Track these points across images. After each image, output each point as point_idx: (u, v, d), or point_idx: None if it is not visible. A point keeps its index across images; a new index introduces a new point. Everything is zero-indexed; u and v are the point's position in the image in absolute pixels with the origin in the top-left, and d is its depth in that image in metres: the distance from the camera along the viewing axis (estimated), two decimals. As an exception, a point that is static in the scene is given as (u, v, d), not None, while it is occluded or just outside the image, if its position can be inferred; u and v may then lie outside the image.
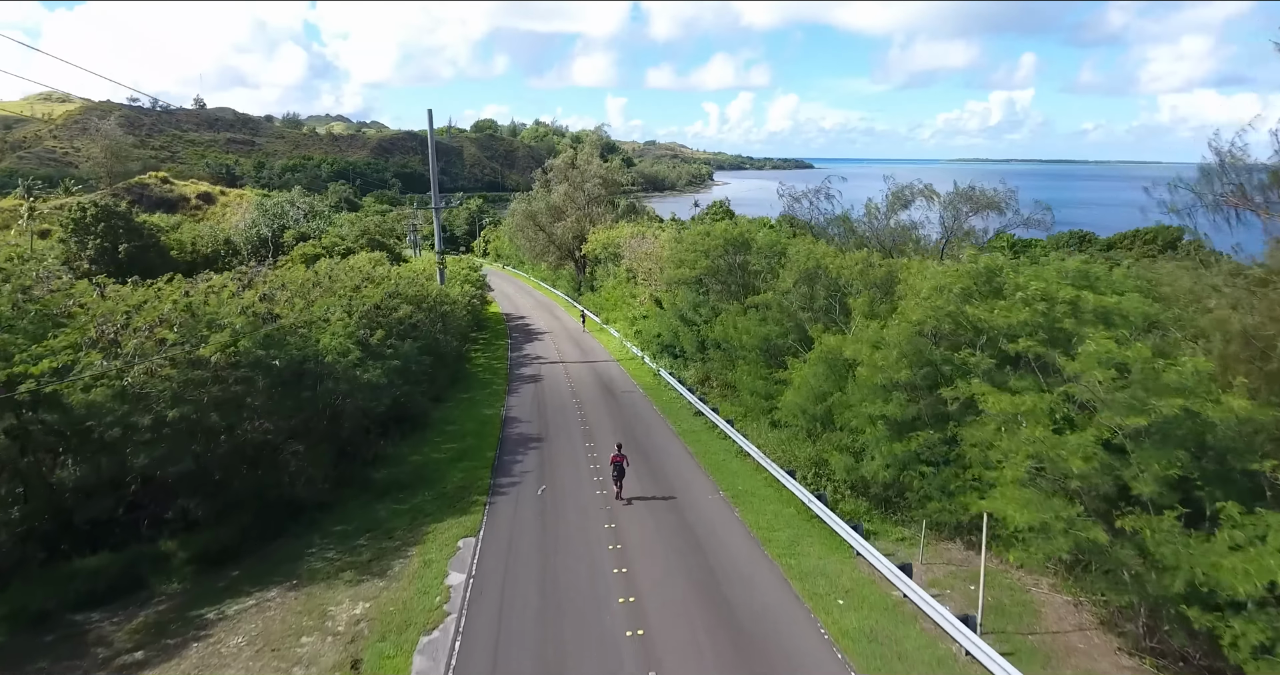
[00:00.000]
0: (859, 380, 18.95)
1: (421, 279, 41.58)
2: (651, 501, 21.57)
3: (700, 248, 32.42)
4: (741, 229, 32.23)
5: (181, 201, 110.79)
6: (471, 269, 55.88)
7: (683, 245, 34.35)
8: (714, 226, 34.34)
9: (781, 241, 31.37)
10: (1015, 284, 16.06)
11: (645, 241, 52.84)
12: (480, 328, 59.87)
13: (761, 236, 31.50)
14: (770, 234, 31.25)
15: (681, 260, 33.46)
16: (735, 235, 31.35)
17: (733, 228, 32.16)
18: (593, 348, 48.53)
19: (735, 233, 31.58)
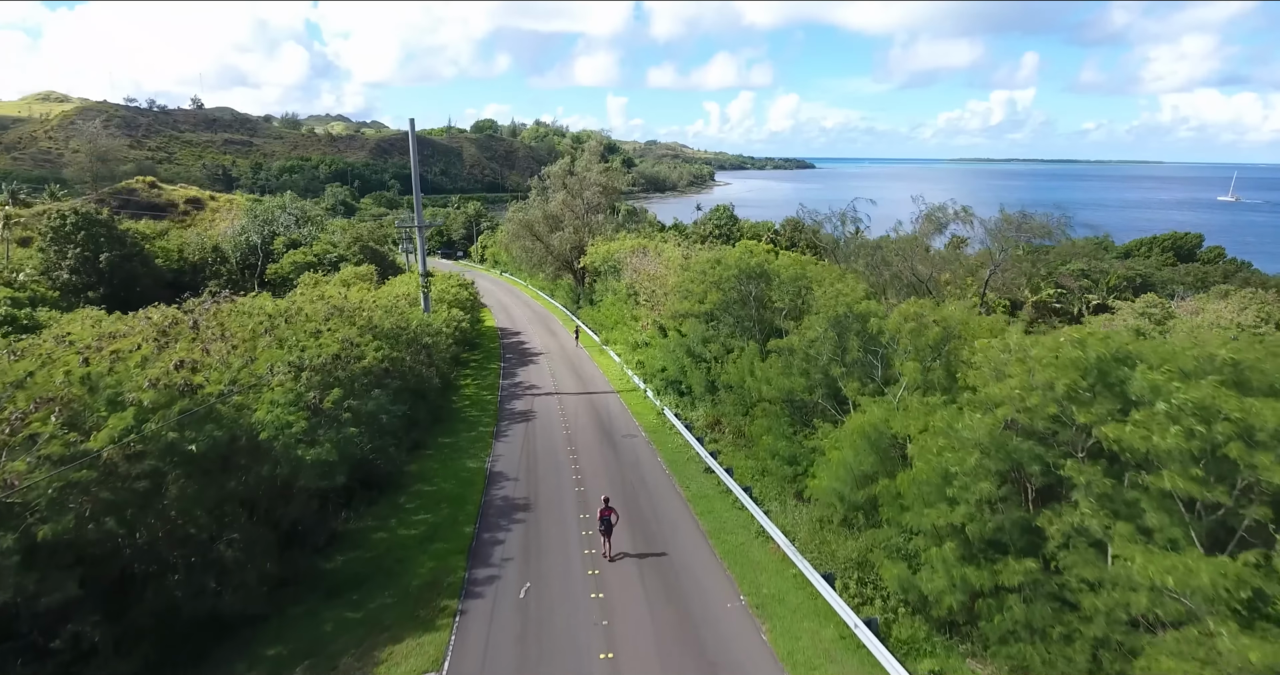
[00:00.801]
0: (916, 475, 14.98)
1: (404, 304, 37.63)
2: (657, 607, 17.66)
3: (710, 278, 28.48)
4: (758, 258, 28.25)
5: (170, 207, 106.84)
6: (461, 286, 51.85)
7: (690, 274, 30.42)
8: (726, 253, 30.38)
9: (806, 274, 27.38)
10: (1147, 383, 11.82)
11: (647, 259, 48.93)
12: (473, 346, 56.01)
13: (783, 268, 27.54)
14: (793, 265, 27.28)
15: (689, 291, 29.51)
16: (751, 266, 27.38)
17: (748, 256, 28.17)
18: (591, 375, 44.59)
19: (751, 262, 27.61)
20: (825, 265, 30.19)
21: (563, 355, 52.25)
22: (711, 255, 29.34)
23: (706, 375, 30.48)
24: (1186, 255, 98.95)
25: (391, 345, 30.44)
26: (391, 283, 51.52)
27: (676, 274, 32.20)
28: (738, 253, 28.59)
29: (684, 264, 30.59)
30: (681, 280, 30.73)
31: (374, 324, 30.81)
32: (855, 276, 26.55)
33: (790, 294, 26.35)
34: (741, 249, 28.93)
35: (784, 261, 27.71)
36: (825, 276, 26.35)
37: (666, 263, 45.26)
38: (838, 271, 26.27)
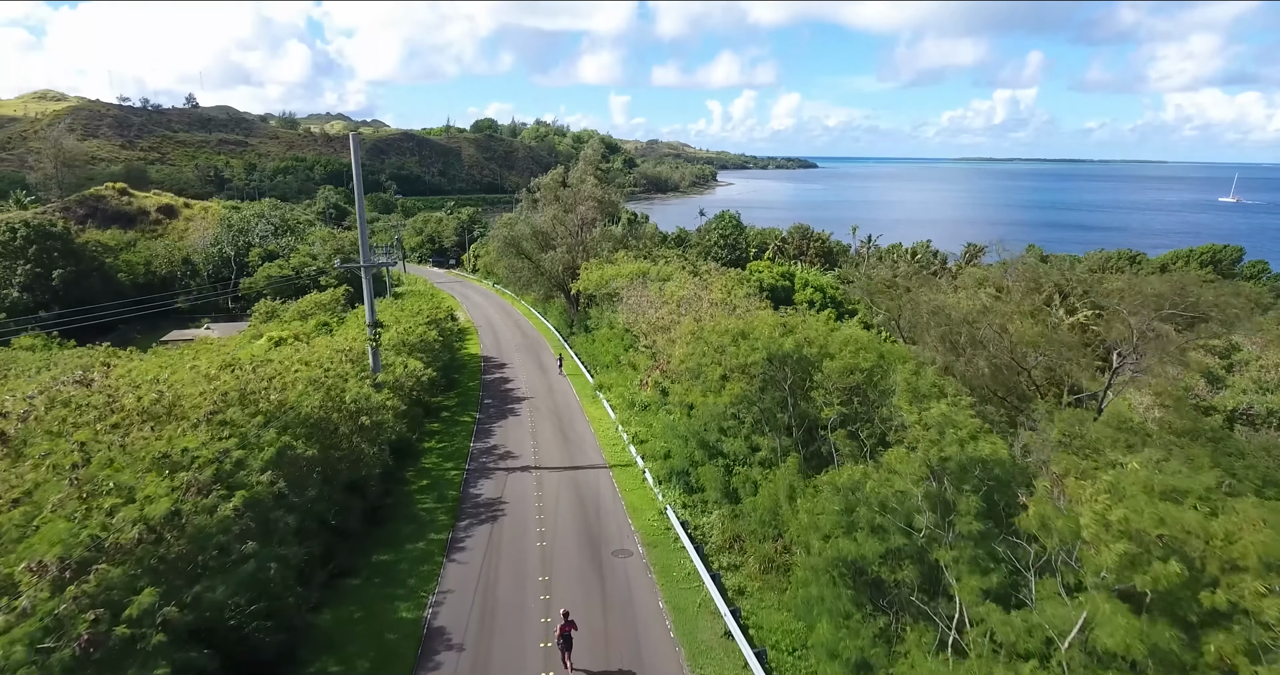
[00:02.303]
0: None
1: (345, 364, 29.81)
2: None
3: (733, 356, 20.70)
4: (796, 335, 20.31)
5: (141, 215, 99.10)
6: (430, 324, 43.92)
7: (702, 347, 22.52)
8: (751, 323, 22.37)
9: (883, 353, 19.28)
10: None
11: (646, 292, 41.15)
12: (450, 385, 48.34)
13: (834, 348, 19.53)
14: (847, 349, 19.18)
15: (701, 370, 21.71)
16: (790, 349, 19.40)
17: (781, 333, 20.23)
18: (580, 437, 36.74)
19: (791, 343, 19.61)
20: (886, 340, 22.04)
21: (549, 401, 44.53)
22: (734, 326, 21.46)
23: (724, 476, 22.73)
24: (1227, 270, 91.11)
25: (309, 438, 22.72)
26: (347, 323, 43.73)
27: (683, 341, 24.11)
28: (768, 327, 20.73)
29: (694, 331, 22.69)
30: (692, 352, 22.90)
31: (287, 407, 23.06)
32: (937, 372, 18.62)
33: (857, 393, 18.49)
34: (772, 322, 21.09)
35: (835, 340, 19.82)
36: (895, 361, 18.51)
37: (669, 299, 37.45)
38: (910, 362, 18.31)
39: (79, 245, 78.99)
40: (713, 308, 33.10)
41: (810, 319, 23.61)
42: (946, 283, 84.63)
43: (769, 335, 19.73)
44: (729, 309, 33.82)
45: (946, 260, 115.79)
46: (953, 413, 13.73)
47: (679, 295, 36.85)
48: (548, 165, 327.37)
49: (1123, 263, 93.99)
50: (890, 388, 17.43)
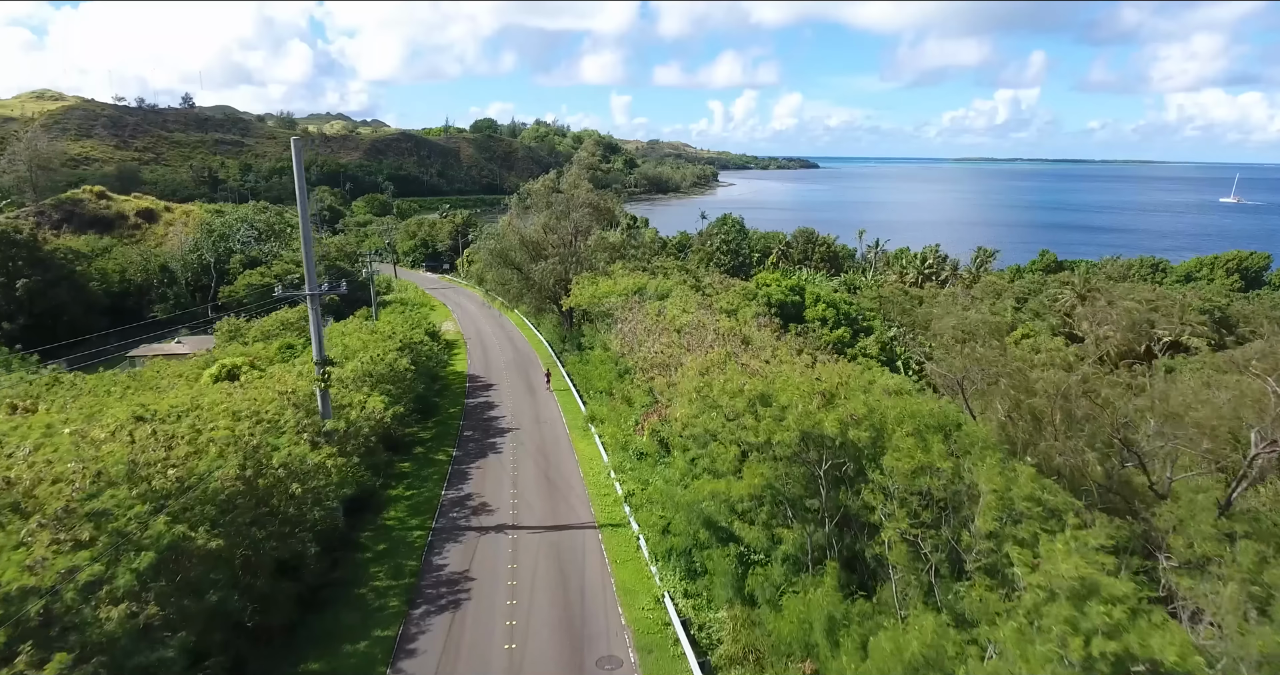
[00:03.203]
0: None
1: (287, 409, 24.97)
2: None
3: (752, 431, 15.84)
4: (846, 407, 15.21)
5: (119, 220, 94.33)
6: (403, 349, 38.96)
7: (711, 414, 17.52)
8: (780, 382, 17.26)
9: (926, 458, 14.21)
10: None
11: (643, 317, 36.34)
12: (428, 413, 43.62)
13: (898, 430, 14.24)
14: (930, 429, 13.83)
15: (709, 445, 16.87)
16: (832, 432, 14.25)
17: (820, 406, 15.26)
18: (567, 484, 31.90)
19: (833, 423, 14.40)
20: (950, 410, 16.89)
21: (536, 433, 39.75)
22: (755, 389, 16.46)
23: (737, 567, 17.93)
24: (1254, 278, 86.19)
25: (220, 521, 17.98)
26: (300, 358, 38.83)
27: (687, 398, 19.08)
28: (798, 391, 15.84)
29: (701, 389, 17.77)
30: (696, 417, 17.95)
31: (192, 481, 18.28)
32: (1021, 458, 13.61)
33: (927, 497, 13.51)
34: (805, 386, 16.19)
35: (888, 411, 14.84)
36: (970, 444, 13.61)
37: (669, 324, 32.64)
38: (993, 453, 13.20)
39: (47, 253, 74.20)
40: (720, 339, 28.29)
41: (846, 370, 18.76)
42: (962, 292, 79.82)
43: (801, 406, 14.87)
44: (739, 340, 29.03)
45: (957, 265, 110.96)
46: (1093, 574, 8.87)
47: (681, 321, 32.03)
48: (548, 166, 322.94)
49: (1145, 270, 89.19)
50: (968, 491, 12.63)
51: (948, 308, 69.60)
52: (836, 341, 47.84)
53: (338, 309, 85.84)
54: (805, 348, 45.36)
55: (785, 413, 14.99)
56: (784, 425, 14.67)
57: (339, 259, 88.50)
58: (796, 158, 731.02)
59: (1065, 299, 72.38)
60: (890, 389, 19.88)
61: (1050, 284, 73.95)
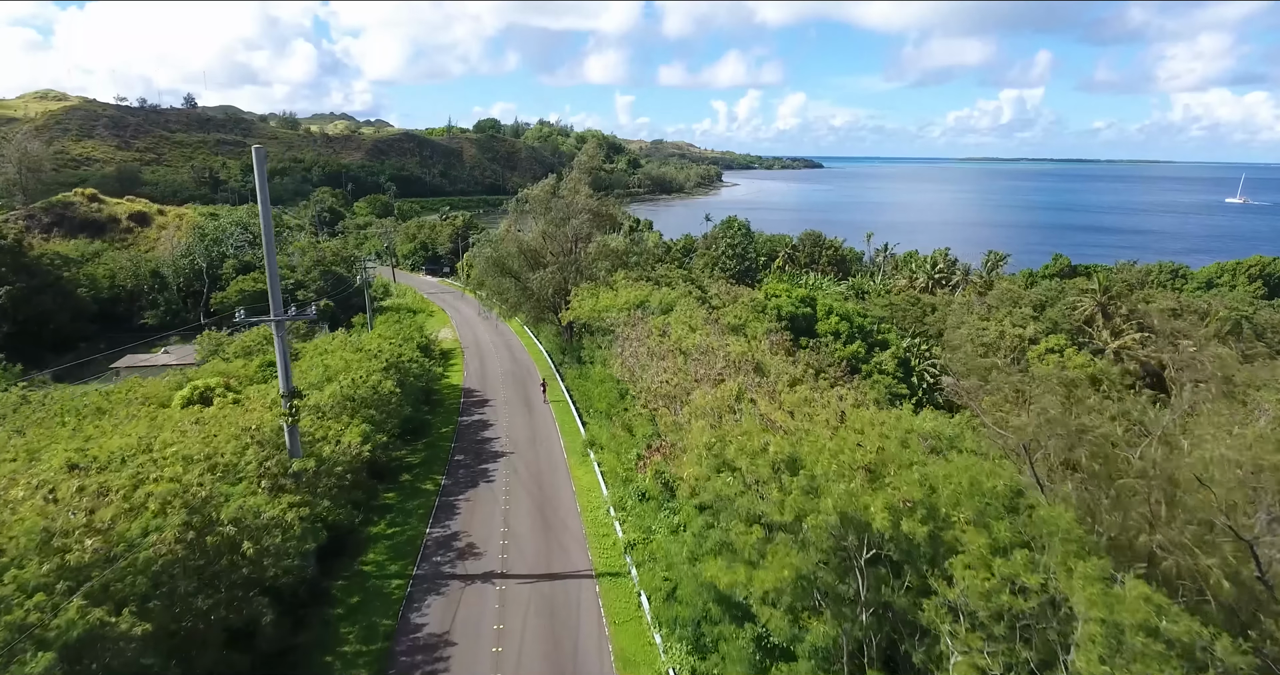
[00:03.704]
0: None
1: (250, 447, 22.24)
2: None
3: (776, 506, 13.03)
4: (898, 490, 12.16)
5: (111, 223, 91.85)
6: (389, 370, 36.09)
7: (725, 479, 14.60)
8: (810, 442, 14.24)
9: (1038, 526, 11.19)
10: None
11: (645, 336, 33.57)
12: (419, 433, 40.99)
13: (957, 511, 11.34)
14: (997, 528, 10.89)
15: (730, 530, 14.06)
16: (882, 524, 11.16)
17: (866, 482, 12.23)
18: (563, 521, 29.14)
19: (882, 512, 11.23)
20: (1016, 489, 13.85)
21: (532, 457, 37.05)
22: (775, 449, 13.60)
23: (755, 653, 15.15)
24: (1278, 285, 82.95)
25: (152, 596, 15.32)
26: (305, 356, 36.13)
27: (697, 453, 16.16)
28: (832, 463, 13.01)
29: (712, 444, 15.00)
30: (706, 478, 15.13)
31: (120, 548, 15.62)
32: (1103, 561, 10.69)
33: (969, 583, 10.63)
34: (847, 454, 13.33)
35: (945, 485, 11.96)
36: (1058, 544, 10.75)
37: (673, 347, 29.87)
38: (1090, 561, 10.29)
39: (32, 259, 71.70)
40: (731, 367, 25.52)
41: (880, 421, 15.93)
42: (977, 300, 76.83)
43: (842, 486, 11.97)
44: (751, 366, 26.25)
45: (969, 270, 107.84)
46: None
47: (687, 342, 29.26)
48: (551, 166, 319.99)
49: (1165, 276, 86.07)
50: (1054, 601, 9.86)
51: (962, 317, 66.71)
52: (851, 357, 45.05)
53: (334, 316, 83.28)
54: (816, 365, 42.59)
55: (815, 483, 12.24)
56: (818, 503, 11.88)
57: (334, 263, 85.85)
58: (801, 158, 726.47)
59: (1085, 307, 69.45)
60: (930, 437, 17.11)
61: (1068, 291, 70.91)
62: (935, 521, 11.23)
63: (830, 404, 20.02)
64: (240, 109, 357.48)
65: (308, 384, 33.47)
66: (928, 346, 61.57)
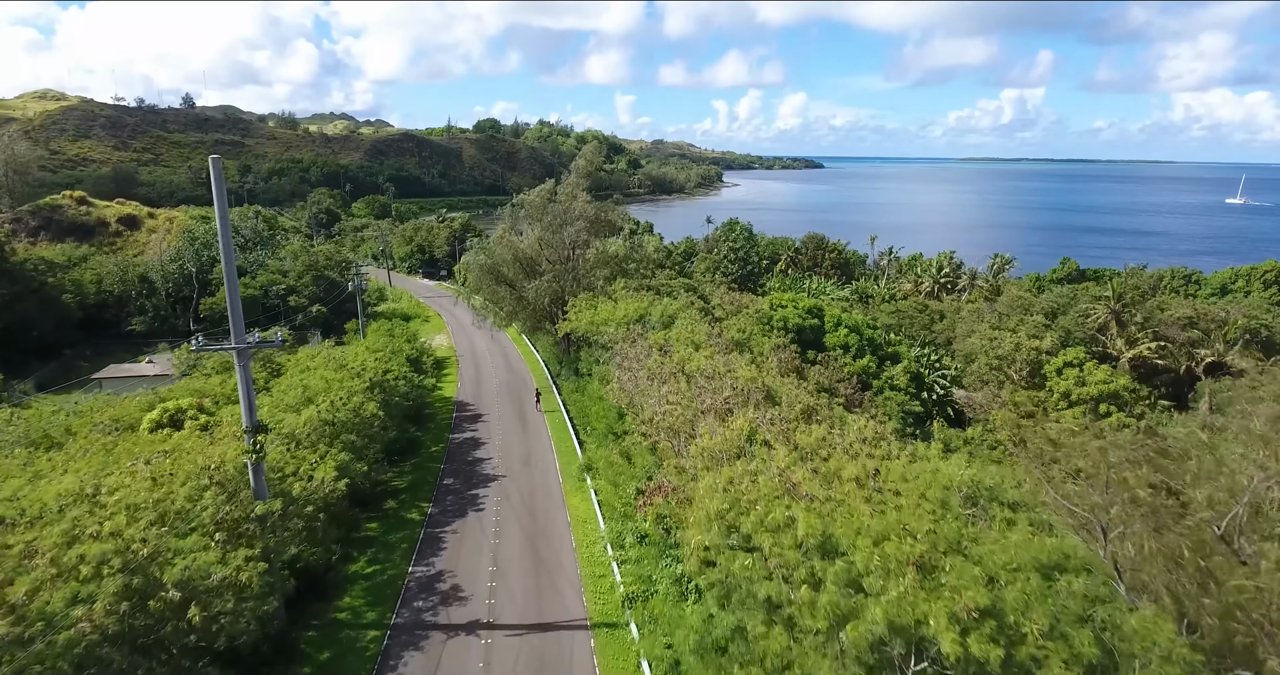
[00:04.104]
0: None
1: (209, 490, 20.03)
2: None
3: (810, 612, 10.72)
4: (954, 594, 9.71)
5: (100, 226, 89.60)
6: (373, 390, 33.73)
7: (738, 560, 12.25)
8: (845, 513, 11.90)
9: (1131, 640, 8.98)
10: None
11: (645, 354, 31.34)
12: (409, 452, 38.89)
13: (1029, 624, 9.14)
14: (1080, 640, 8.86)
15: (745, 627, 11.81)
16: (951, 648, 8.76)
17: (918, 604, 9.79)
18: (556, 556, 26.90)
19: (943, 621, 8.84)
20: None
21: (525, 481, 34.83)
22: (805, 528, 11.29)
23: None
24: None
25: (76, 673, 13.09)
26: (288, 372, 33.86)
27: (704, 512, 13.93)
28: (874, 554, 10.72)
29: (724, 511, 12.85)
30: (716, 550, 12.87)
31: (37, 624, 13.39)
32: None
33: None
34: (885, 540, 11.05)
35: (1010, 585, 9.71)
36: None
37: (675, 370, 27.63)
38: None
39: (14, 263, 69.50)
40: (739, 396, 23.30)
41: (918, 476, 13.71)
42: (987, 308, 74.61)
43: (891, 588, 9.62)
44: (761, 393, 24.03)
45: (975, 274, 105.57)
46: None
47: (691, 365, 27.04)
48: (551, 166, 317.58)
49: (1177, 282, 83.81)
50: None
51: (972, 325, 64.52)
52: (861, 372, 42.83)
53: (326, 322, 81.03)
54: (827, 381, 40.39)
55: (856, 577, 10.02)
56: (860, 606, 9.64)
57: (328, 268, 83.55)
58: (801, 158, 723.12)
59: (1098, 315, 67.21)
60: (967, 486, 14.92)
61: (1080, 298, 68.60)
62: (1005, 632, 9.00)
63: (853, 446, 17.83)
64: (240, 109, 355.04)
65: (285, 406, 31.24)
66: (938, 357, 59.34)
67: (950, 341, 67.01)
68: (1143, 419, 41.87)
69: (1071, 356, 44.79)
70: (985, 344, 50.53)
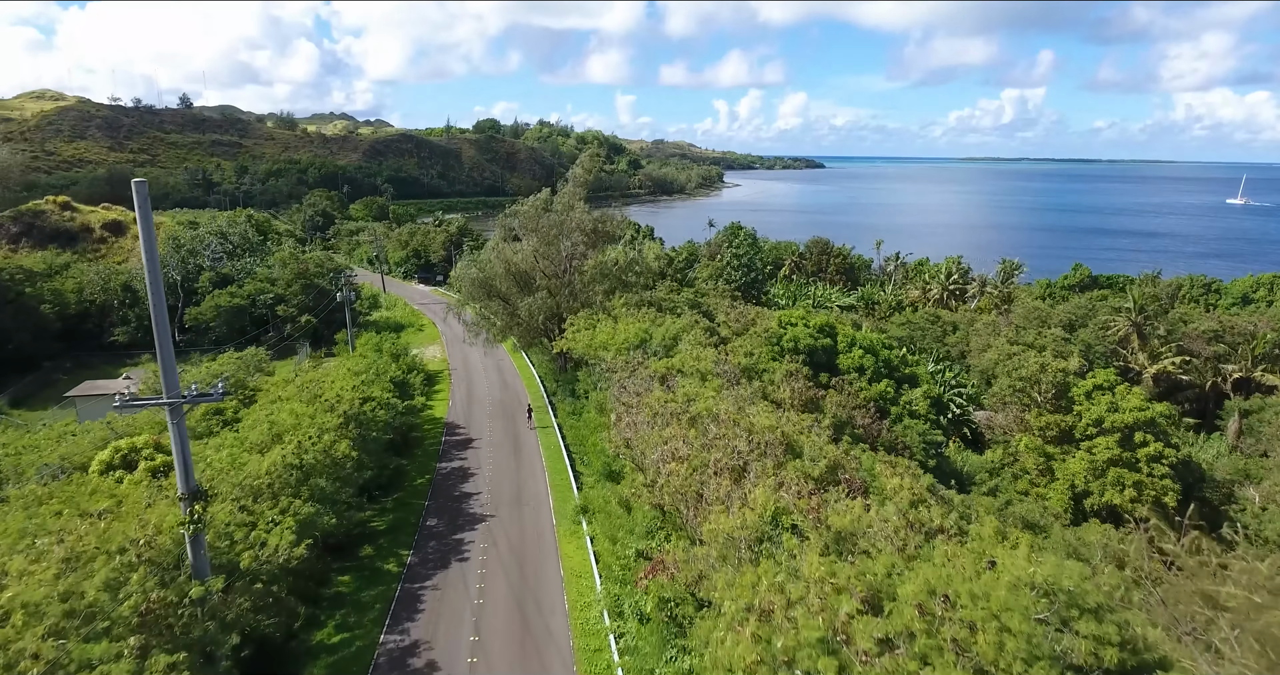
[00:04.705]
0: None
1: (133, 564, 16.92)
2: None
3: None
4: None
5: (83, 232, 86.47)
6: (345, 423, 30.53)
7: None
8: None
9: None
10: None
11: (643, 387, 28.20)
12: (392, 485, 35.94)
13: None
14: None
15: None
16: None
17: None
18: (546, 617, 23.80)
19: None
20: None
21: (515, 522, 31.77)
22: None
23: None
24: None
25: None
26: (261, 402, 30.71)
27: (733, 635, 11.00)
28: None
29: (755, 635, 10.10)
30: None
31: None
32: None
33: None
34: None
35: None
36: None
37: (679, 411, 24.49)
38: None
39: (-11, 274, 66.43)
40: (757, 450, 20.19)
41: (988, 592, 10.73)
42: (1003, 320, 71.39)
43: None
44: (779, 444, 20.91)
45: (985, 282, 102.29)
46: None
47: (698, 406, 23.92)
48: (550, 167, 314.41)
49: (1197, 291, 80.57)
50: None
51: (988, 338, 61.37)
52: (878, 398, 39.70)
53: (316, 332, 77.95)
54: (844, 407, 37.25)
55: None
56: None
57: (318, 275, 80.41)
58: (802, 157, 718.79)
59: (1119, 327, 64.05)
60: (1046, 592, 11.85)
61: (1100, 310, 65.45)
62: None
63: (898, 532, 14.80)
64: (239, 109, 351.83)
65: (251, 445, 28.15)
66: (954, 373, 56.22)
67: (965, 355, 63.90)
68: (1180, 450, 38.77)
69: (1102, 379, 41.62)
70: (1006, 363, 47.36)
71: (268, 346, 75.08)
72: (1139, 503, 36.81)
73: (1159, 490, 36.87)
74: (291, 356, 72.34)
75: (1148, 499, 36.72)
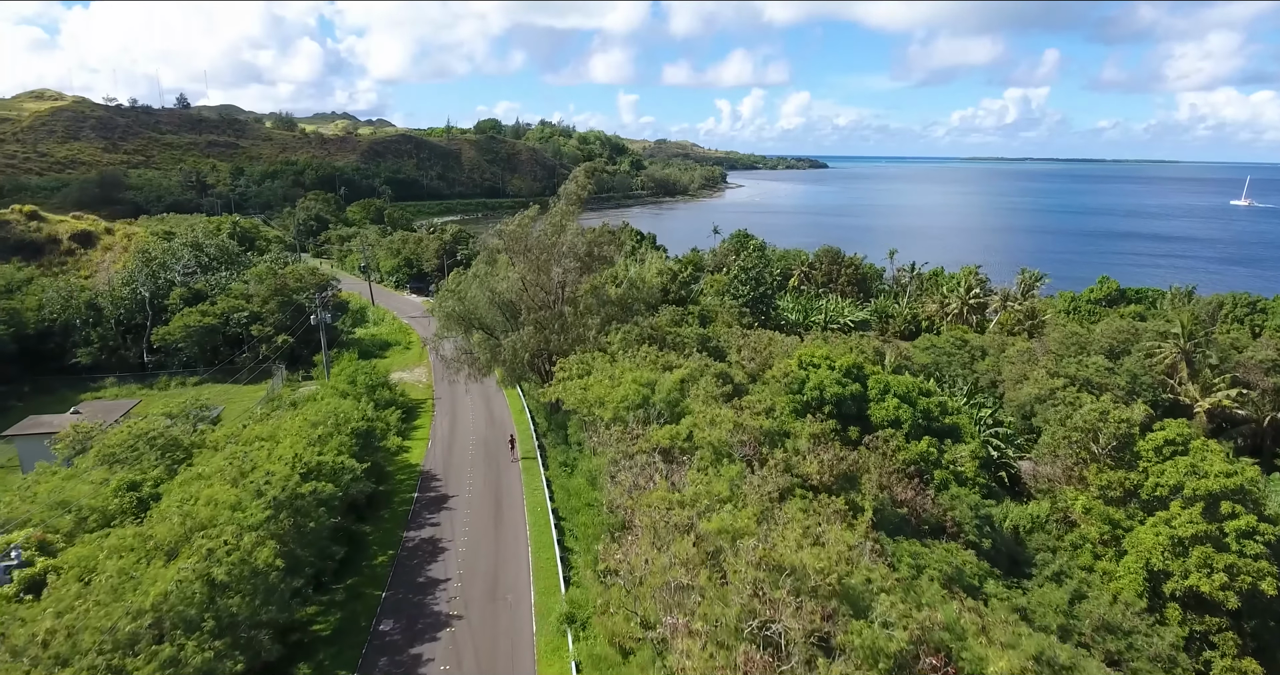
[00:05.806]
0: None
1: None
2: None
3: None
4: None
5: (50, 244, 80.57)
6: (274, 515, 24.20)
7: None
8: None
9: None
10: None
11: (648, 477, 22.20)
12: (340, 570, 30.01)
13: None
14: None
15: None
16: None
17: None
18: None
19: None
20: None
21: (488, 632, 25.75)
22: None
23: None
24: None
25: None
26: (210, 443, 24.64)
27: None
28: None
29: None
30: None
31: None
32: None
33: None
34: None
35: None
36: None
37: (687, 516, 18.47)
38: None
39: (-65, 293, 60.44)
40: (792, 603, 14.20)
41: None
42: (1039, 347, 65.18)
43: None
44: (827, 592, 14.89)
45: (1007, 295, 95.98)
46: None
47: (715, 524, 17.86)
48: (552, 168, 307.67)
49: (1241, 310, 74.21)
50: None
51: (1024, 367, 55.20)
52: (918, 458, 33.59)
53: (294, 352, 71.98)
54: (883, 472, 31.19)
55: None
56: None
57: (298, 291, 74.33)
58: (805, 157, 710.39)
59: (1165, 355, 57.87)
60: None
61: (1144, 335, 59.22)
62: None
63: None
64: (240, 108, 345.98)
65: (154, 547, 22.16)
66: (990, 409, 50.06)
67: (995, 383, 57.75)
68: (1277, 525, 32.60)
69: (1174, 434, 35.50)
70: (1057, 406, 41.24)
71: (242, 368, 69.44)
72: (1230, 590, 30.78)
73: (1255, 574, 30.77)
74: (267, 380, 66.51)
75: (1243, 585, 30.66)
